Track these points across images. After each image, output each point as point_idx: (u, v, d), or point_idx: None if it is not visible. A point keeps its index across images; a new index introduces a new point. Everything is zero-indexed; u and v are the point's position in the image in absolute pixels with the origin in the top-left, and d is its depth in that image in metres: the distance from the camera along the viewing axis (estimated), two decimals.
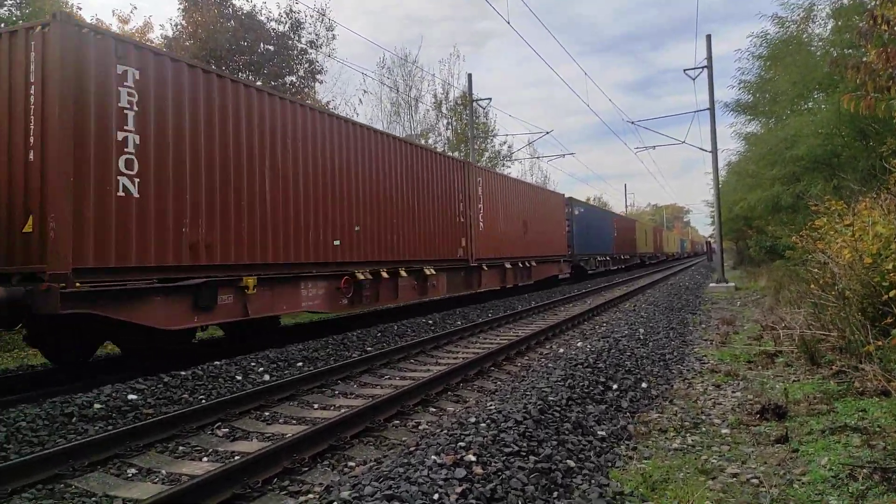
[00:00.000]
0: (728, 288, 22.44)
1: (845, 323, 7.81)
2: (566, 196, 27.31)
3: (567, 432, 4.79)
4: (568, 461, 4.25)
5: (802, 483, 4.06)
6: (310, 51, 22.00)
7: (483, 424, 4.50)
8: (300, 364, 8.33)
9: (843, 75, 14.17)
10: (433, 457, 3.80)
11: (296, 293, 9.75)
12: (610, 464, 4.51)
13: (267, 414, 6.03)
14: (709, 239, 67.37)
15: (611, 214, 39.88)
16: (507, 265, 18.55)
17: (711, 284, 23.89)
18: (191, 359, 8.44)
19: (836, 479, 4.00)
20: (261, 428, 5.62)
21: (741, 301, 17.87)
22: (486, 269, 17.05)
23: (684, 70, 23.81)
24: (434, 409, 6.09)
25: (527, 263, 20.29)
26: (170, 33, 20.37)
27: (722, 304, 17.23)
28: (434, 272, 13.76)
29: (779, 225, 22.15)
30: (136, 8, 56.81)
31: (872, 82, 4.44)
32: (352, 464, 4.52)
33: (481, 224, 16.95)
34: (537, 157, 46.22)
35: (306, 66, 22.12)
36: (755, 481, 4.19)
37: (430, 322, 12.28)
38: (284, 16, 21.50)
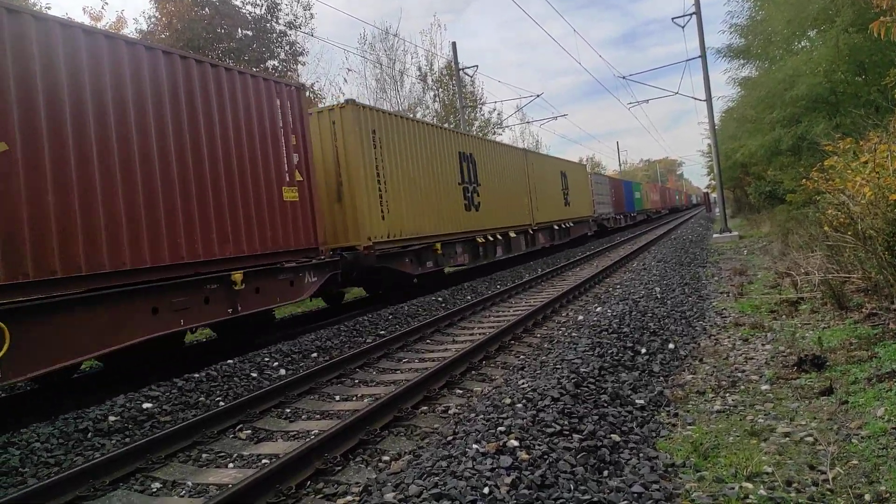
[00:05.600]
0: (732, 237, 22.20)
1: (870, 263, 7.58)
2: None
3: (605, 404, 4.58)
4: (612, 436, 4.05)
5: (861, 437, 3.87)
6: (289, 32, 21.39)
7: (519, 405, 4.29)
8: (314, 355, 8.11)
9: (841, 10, 13.79)
10: (474, 445, 3.59)
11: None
12: (654, 434, 4.32)
13: (288, 410, 5.81)
14: (706, 190, 66.90)
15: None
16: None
17: (715, 235, 23.66)
18: (202, 359, 8.23)
19: None
20: (284, 426, 5.41)
21: (748, 249, 17.67)
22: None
23: (672, 18, 23.31)
24: (461, 391, 5.88)
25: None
26: (144, 27, 19.76)
27: (729, 255, 17.03)
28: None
29: (779, 169, 21.79)
30: (107, 3, 55.05)
31: None
32: (386, 458, 4.31)
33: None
34: (528, 122, 45.55)
35: (287, 48, 21.52)
36: (810, 439, 3.99)
37: (440, 299, 12.06)
38: None
